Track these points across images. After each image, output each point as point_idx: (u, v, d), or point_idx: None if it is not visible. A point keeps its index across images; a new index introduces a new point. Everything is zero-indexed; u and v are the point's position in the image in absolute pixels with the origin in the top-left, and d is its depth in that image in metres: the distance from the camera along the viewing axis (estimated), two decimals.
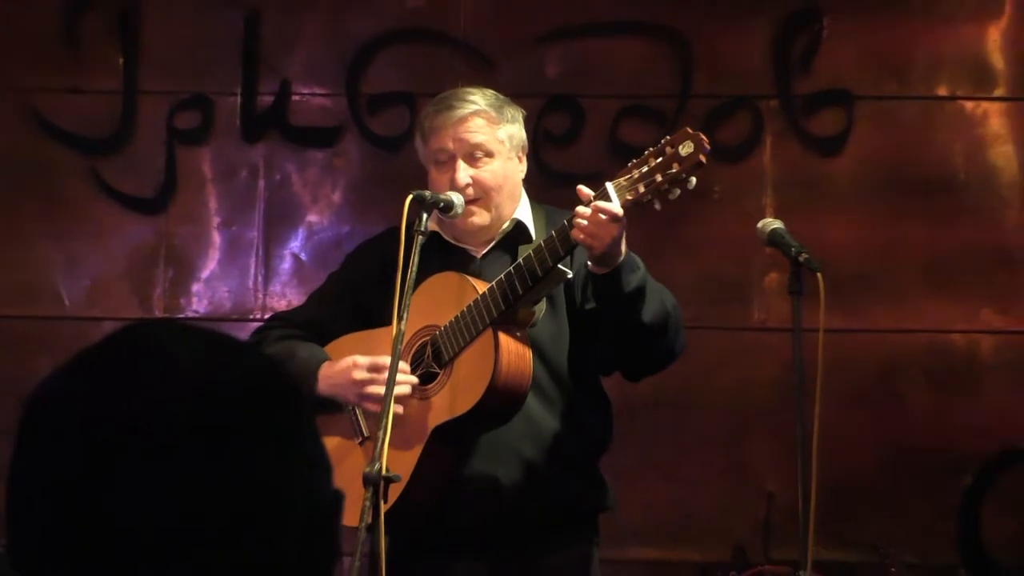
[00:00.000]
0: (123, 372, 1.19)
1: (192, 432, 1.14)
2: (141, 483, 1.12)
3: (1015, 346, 5.00)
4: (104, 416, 1.14)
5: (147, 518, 1.12)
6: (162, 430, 1.13)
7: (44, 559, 1.16)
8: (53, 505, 1.15)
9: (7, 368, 4.98)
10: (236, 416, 1.17)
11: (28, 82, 5.25)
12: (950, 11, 5.10)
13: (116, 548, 1.13)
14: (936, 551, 4.46)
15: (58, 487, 1.14)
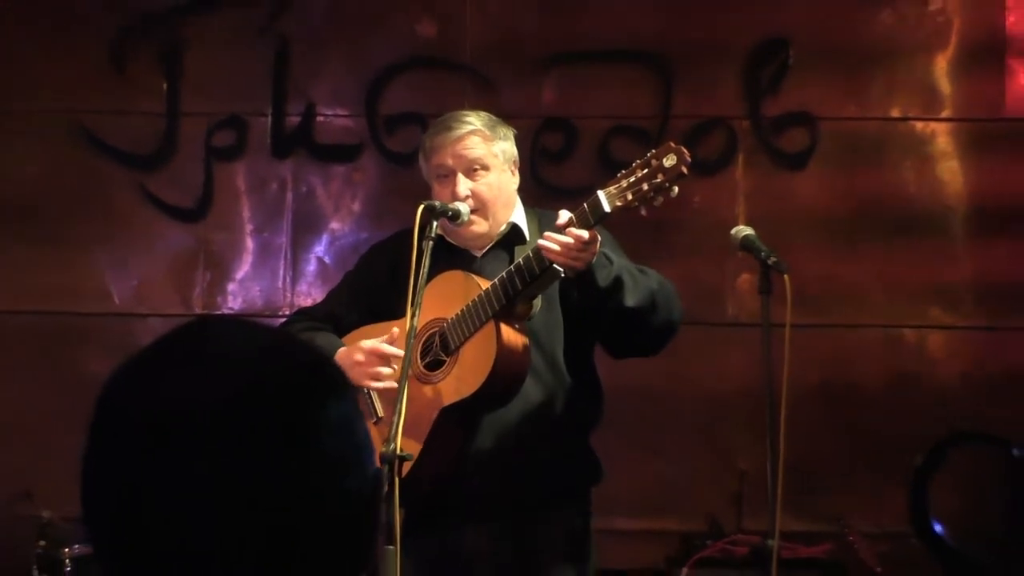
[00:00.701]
0: (189, 362, 1.19)
1: (260, 418, 1.15)
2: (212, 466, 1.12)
3: (960, 340, 5.00)
4: (177, 403, 1.14)
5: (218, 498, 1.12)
6: (232, 416, 1.14)
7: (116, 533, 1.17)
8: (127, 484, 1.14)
9: (62, 359, 4.99)
10: (297, 404, 1.17)
11: (81, 104, 5.23)
12: (903, 42, 5.09)
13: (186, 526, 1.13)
14: (890, 522, 4.45)
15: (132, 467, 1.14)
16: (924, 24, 5.09)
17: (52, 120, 5.23)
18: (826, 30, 5.10)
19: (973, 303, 5.03)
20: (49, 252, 5.19)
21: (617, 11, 5.16)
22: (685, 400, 4.84)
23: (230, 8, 5.24)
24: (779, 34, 5.11)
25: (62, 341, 5.09)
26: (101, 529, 1.18)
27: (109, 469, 1.16)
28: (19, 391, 5.01)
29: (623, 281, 3.27)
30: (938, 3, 5.08)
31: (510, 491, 3.41)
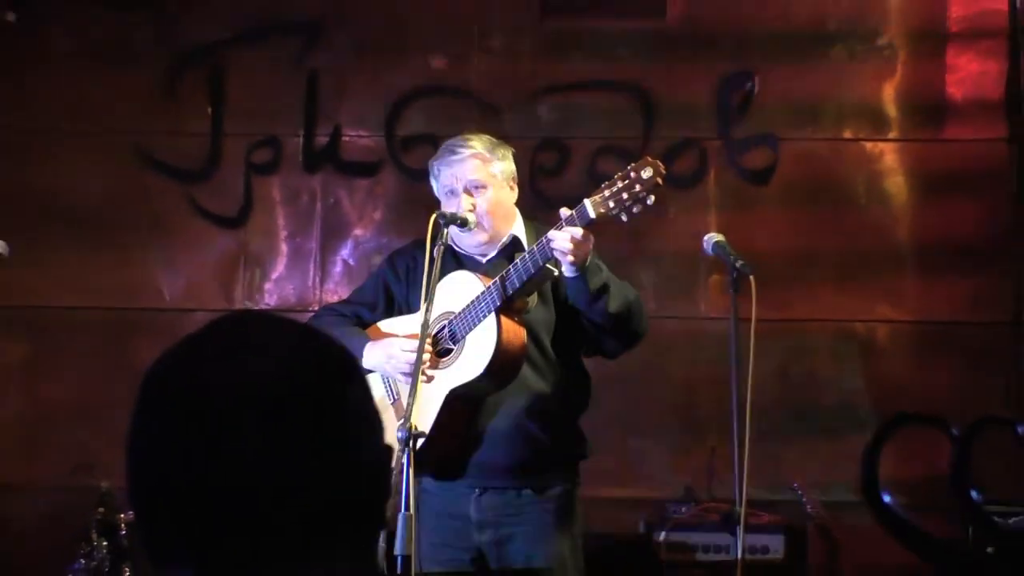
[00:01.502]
0: (228, 351, 1.19)
1: (290, 399, 1.15)
2: (248, 442, 1.13)
3: (904, 333, 5.01)
4: (214, 386, 1.14)
5: (253, 470, 1.13)
6: (264, 399, 1.14)
7: (163, 510, 1.16)
8: (171, 462, 1.15)
9: (119, 348, 4.98)
10: (322, 388, 1.18)
11: (136, 126, 5.22)
12: (854, 72, 5.08)
13: (226, 499, 1.13)
14: (842, 491, 4.46)
15: (174, 445, 1.14)
16: (872, 57, 5.07)
17: (113, 141, 5.21)
18: (786, 62, 5.09)
19: (914, 300, 5.01)
20: (109, 255, 5.18)
21: (604, 47, 5.15)
22: (662, 385, 4.82)
23: (267, 42, 5.23)
24: (745, 66, 5.09)
25: (120, 333, 5.07)
26: (142, 500, 1.17)
27: (153, 445, 1.16)
28: (82, 376, 5.01)
29: (609, 288, 3.33)
30: (885, 38, 5.07)
31: (509, 464, 3.42)
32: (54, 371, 5.04)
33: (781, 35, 5.09)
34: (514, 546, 3.43)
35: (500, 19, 5.18)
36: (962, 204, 5.01)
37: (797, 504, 4.47)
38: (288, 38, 5.22)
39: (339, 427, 1.17)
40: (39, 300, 4.92)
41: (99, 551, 4.26)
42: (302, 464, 1.14)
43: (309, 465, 1.14)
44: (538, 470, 3.45)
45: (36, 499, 4.64)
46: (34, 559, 4.47)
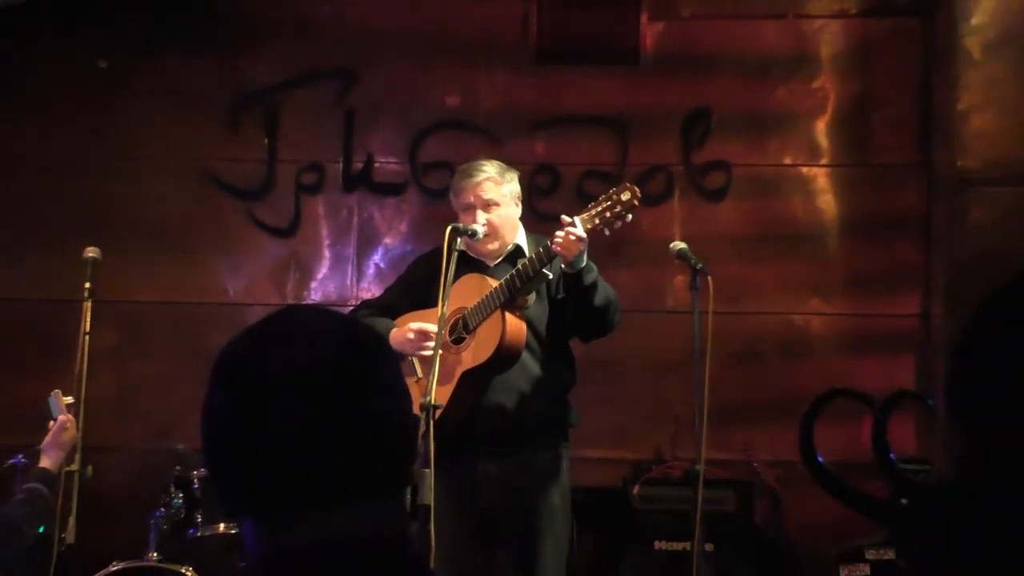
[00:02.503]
0: (284, 337, 1.20)
1: (335, 377, 1.15)
2: (300, 412, 1.13)
3: (833, 324, 5.02)
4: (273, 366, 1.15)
5: (304, 435, 1.13)
6: (313, 376, 1.14)
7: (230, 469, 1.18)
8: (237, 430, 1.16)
9: (192, 335, 4.98)
10: (362, 367, 1.18)
11: (207, 154, 5.24)
12: (793, 109, 5.07)
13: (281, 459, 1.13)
14: (784, 454, 4.46)
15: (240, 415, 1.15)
16: (809, 96, 5.07)
17: (186, 166, 5.22)
18: (738, 101, 5.08)
19: (842, 297, 5.02)
20: (185, 259, 5.19)
21: (590, 88, 5.14)
22: (636, 366, 4.82)
23: (312, 86, 5.23)
24: (704, 104, 5.08)
25: (192, 323, 5.08)
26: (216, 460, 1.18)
27: (223, 415, 1.16)
28: (163, 358, 5.03)
29: (597, 285, 3.34)
30: (819, 82, 5.07)
31: (511, 431, 3.43)
32: (139, 354, 5.06)
33: (734, 80, 5.09)
34: (515, 499, 3.44)
35: (503, 67, 5.17)
36: (881, 218, 5.01)
37: (746, 464, 4.48)
38: (329, 82, 5.22)
39: (374, 399, 1.18)
40: (127, 296, 4.92)
41: (176, 503, 4.26)
42: (344, 430, 1.14)
43: (350, 430, 1.14)
44: (535, 436, 3.46)
45: (126, 458, 4.64)
46: (125, 508, 4.48)
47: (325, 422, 1.13)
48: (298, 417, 1.13)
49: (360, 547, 1.12)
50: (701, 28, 5.13)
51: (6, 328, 5.09)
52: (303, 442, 1.12)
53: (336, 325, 1.23)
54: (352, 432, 1.14)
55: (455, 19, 5.17)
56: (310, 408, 1.13)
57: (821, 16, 5.09)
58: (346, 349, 1.18)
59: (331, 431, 1.13)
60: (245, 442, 1.14)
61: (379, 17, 5.18)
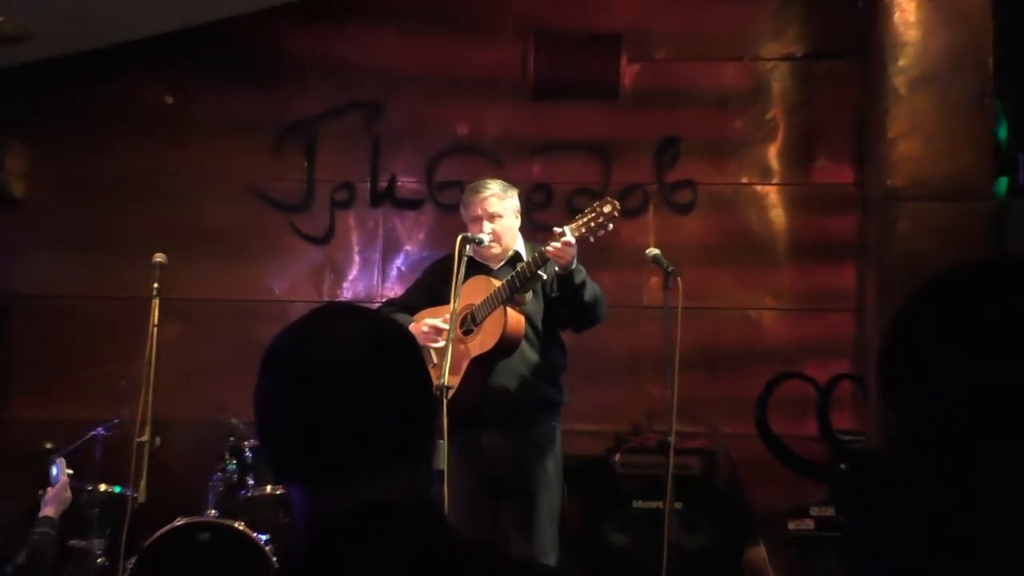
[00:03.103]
0: (323, 329, 1.19)
1: (369, 362, 1.15)
2: (337, 394, 1.13)
3: (782, 318, 5.03)
4: (313, 355, 1.15)
5: (340, 413, 1.13)
6: (347, 364, 1.15)
7: (278, 442, 1.18)
8: (283, 408, 1.15)
9: (241, 328, 4.98)
10: (389, 354, 1.18)
11: (255, 174, 5.24)
12: (749, 136, 5.06)
13: (322, 433, 1.13)
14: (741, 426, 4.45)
15: (285, 397, 1.15)
16: (762, 126, 5.06)
17: (239, 184, 5.22)
18: (702, 130, 5.07)
19: (790, 294, 5.01)
20: (237, 263, 5.19)
21: (577, 119, 5.13)
22: (618, 353, 4.80)
23: (344, 117, 5.22)
24: (674, 133, 5.08)
25: (243, 317, 5.07)
26: (266, 434, 1.18)
27: (271, 396, 1.16)
28: (218, 346, 5.03)
29: (586, 284, 3.35)
30: (770, 114, 5.06)
31: (512, 408, 3.45)
32: (199, 343, 5.06)
33: (699, 113, 5.08)
34: (515, 466, 3.45)
35: (505, 102, 5.17)
36: (823, 228, 5.00)
37: (710, 436, 4.48)
38: (359, 114, 5.22)
39: (400, 383, 1.17)
40: (189, 294, 4.92)
41: (230, 468, 4.27)
42: (375, 407, 1.14)
43: (380, 408, 1.14)
44: (532, 413, 3.47)
45: (187, 430, 4.64)
46: (187, 472, 4.48)
47: (359, 401, 1.13)
48: (336, 397, 1.12)
49: (393, 507, 1.12)
50: (671, 69, 5.12)
51: (88, 321, 5.12)
52: (341, 419, 1.12)
53: (367, 320, 1.23)
54: (382, 409, 1.14)
55: (465, 62, 5.17)
56: (346, 390, 1.13)
57: (772, 59, 5.09)
58: (376, 339, 1.18)
59: (364, 409, 1.13)
60: (291, 419, 1.13)
61: (401, 59, 5.18)
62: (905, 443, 1.30)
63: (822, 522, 4.06)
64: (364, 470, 1.13)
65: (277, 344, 1.17)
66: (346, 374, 1.13)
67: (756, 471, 4.44)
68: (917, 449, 1.27)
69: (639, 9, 5.12)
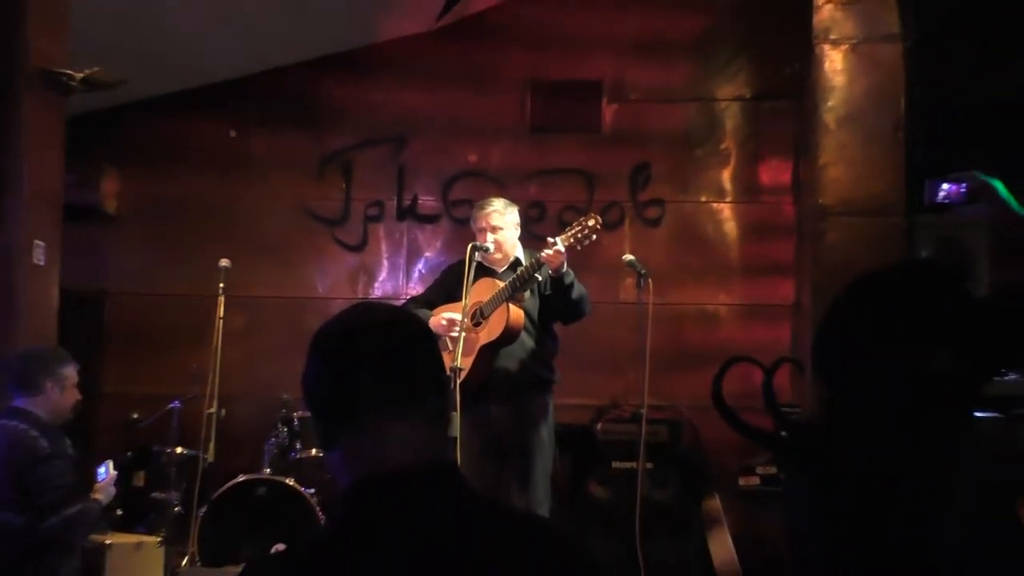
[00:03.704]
0: (361, 319, 1.17)
1: (395, 347, 1.13)
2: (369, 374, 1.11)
3: (734, 310, 4.99)
4: (353, 341, 1.13)
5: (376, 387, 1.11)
6: (381, 346, 1.13)
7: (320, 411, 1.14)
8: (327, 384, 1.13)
9: (292, 320, 4.95)
10: (413, 340, 1.16)
11: (303, 194, 5.22)
12: (707, 162, 5.06)
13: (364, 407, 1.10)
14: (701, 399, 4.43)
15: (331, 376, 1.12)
16: (717, 155, 5.06)
17: (290, 202, 5.20)
18: (669, 158, 5.07)
19: (740, 293, 4.99)
20: (287, 267, 5.17)
21: (566, 150, 5.11)
22: (600, 341, 4.75)
23: (375, 147, 5.20)
24: (646, 160, 5.07)
25: (292, 310, 5.05)
26: (314, 407, 1.16)
27: (319, 374, 1.14)
28: (272, 336, 5.01)
29: (574, 284, 3.33)
30: (724, 145, 5.06)
31: (513, 386, 3.43)
32: (258, 332, 5.04)
33: (666, 144, 5.07)
34: (516, 432, 3.44)
35: (507, 136, 5.15)
36: (767, 238, 5.00)
37: (675, 408, 4.47)
38: (386, 146, 5.20)
39: (424, 363, 1.16)
40: (249, 292, 4.91)
41: (282, 434, 4.27)
42: (402, 383, 1.13)
43: (407, 383, 1.13)
44: (530, 389, 3.46)
45: (248, 403, 4.65)
46: (247, 438, 4.49)
47: (391, 379, 1.12)
48: (373, 377, 1.11)
49: (419, 467, 1.10)
50: (643, 108, 5.10)
51: (166, 314, 5.11)
52: (378, 390, 1.11)
53: (394, 312, 1.23)
54: (409, 383, 1.13)
55: (474, 103, 5.15)
56: (381, 370, 1.12)
57: (725, 100, 5.08)
58: (402, 328, 1.17)
59: (395, 386, 1.12)
60: (335, 387, 1.12)
61: (421, 101, 5.17)
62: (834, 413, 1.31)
63: (766, 479, 4.06)
64: (395, 425, 1.11)
65: (323, 330, 1.17)
66: (381, 357, 1.12)
67: (713, 437, 4.45)
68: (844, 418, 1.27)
69: (616, 61, 5.11)
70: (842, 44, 3.88)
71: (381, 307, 1.23)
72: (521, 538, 1.07)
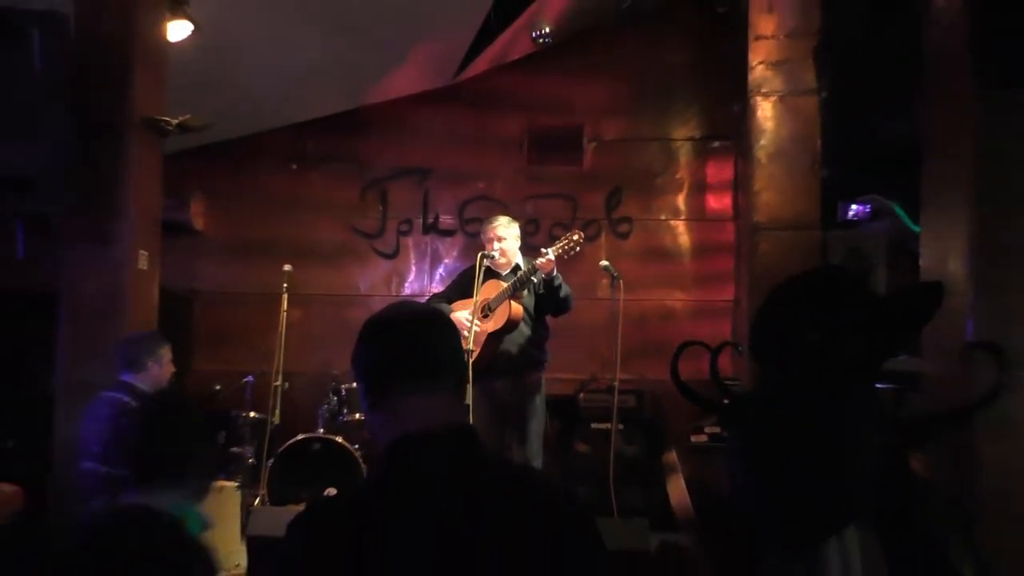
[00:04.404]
0: (397, 310, 1.15)
1: (427, 332, 1.12)
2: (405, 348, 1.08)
3: (687, 305, 5.02)
4: (389, 327, 1.11)
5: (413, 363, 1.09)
6: (412, 329, 1.11)
7: (364, 382, 1.12)
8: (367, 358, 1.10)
9: (340, 313, 4.93)
10: (439, 325, 1.14)
11: (349, 213, 5.17)
12: (665, 189, 5.04)
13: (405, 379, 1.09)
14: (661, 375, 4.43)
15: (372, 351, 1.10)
16: (674, 182, 5.04)
17: (338, 221, 5.16)
18: (636, 184, 5.05)
19: (692, 290, 4.99)
20: (336, 271, 5.12)
21: (556, 177, 5.09)
22: (582, 329, 4.72)
23: (405, 177, 5.18)
24: (618, 186, 5.06)
25: (340, 305, 5.03)
26: (363, 379, 1.14)
27: (365, 350, 1.12)
28: (324, 324, 4.99)
29: (561, 285, 3.31)
30: (680, 175, 5.05)
31: (514, 365, 3.43)
32: (313, 322, 5.03)
33: (634, 174, 5.06)
34: (515, 402, 3.44)
35: (510, 165, 5.13)
36: (713, 248, 4.99)
37: (641, 382, 4.48)
38: (414, 175, 5.17)
39: (446, 348, 1.14)
40: (306, 291, 4.92)
41: (332, 402, 4.27)
42: (431, 357, 1.11)
43: (436, 356, 1.11)
44: (527, 367, 3.45)
45: (305, 378, 4.65)
46: (305, 405, 4.49)
47: (421, 360, 1.11)
48: (408, 358, 1.10)
49: (446, 430, 1.09)
50: (616, 145, 5.09)
51: (242, 307, 5.09)
52: (411, 369, 1.10)
53: (426, 310, 1.23)
54: (435, 363, 1.11)
55: (484, 139, 5.13)
56: (414, 353, 1.11)
57: (680, 139, 5.08)
58: (431, 322, 1.16)
59: (424, 365, 1.11)
60: (378, 361, 1.11)
61: (441, 142, 5.15)
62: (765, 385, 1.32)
63: (713, 437, 4.07)
64: (426, 391, 1.10)
65: (370, 321, 1.16)
66: (416, 337, 1.12)
67: (670, 404, 4.45)
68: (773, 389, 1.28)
69: (593, 111, 5.10)
70: (771, 96, 3.89)
71: (415, 305, 1.23)
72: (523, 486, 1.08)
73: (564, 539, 1.02)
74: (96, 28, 2.99)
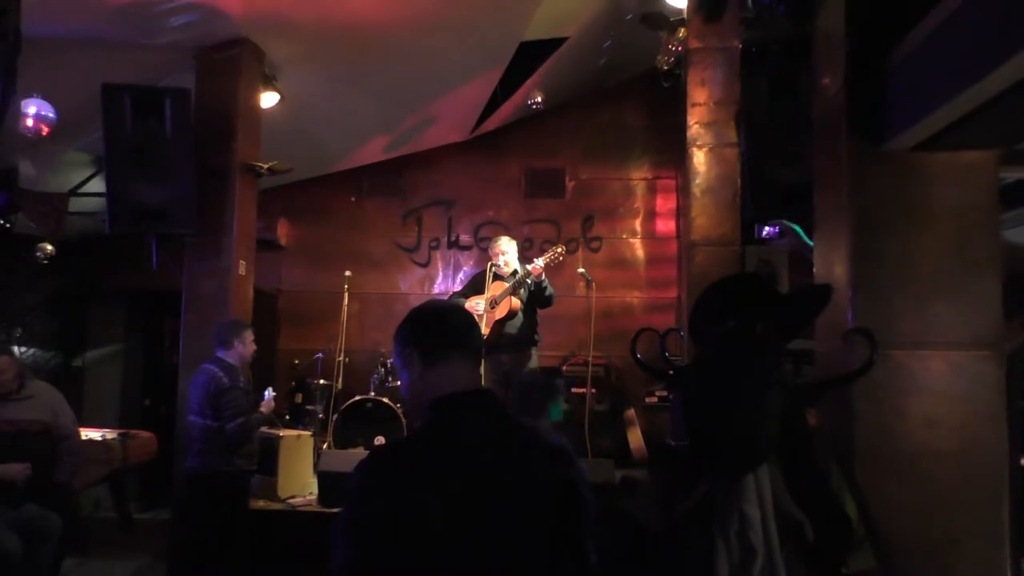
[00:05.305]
0: (436, 307, 1.13)
1: (454, 318, 1.09)
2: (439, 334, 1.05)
3: (643, 301, 4.98)
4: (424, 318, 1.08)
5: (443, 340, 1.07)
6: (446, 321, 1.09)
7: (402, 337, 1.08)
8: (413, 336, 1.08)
9: (386, 308, 4.91)
10: (457, 316, 1.11)
11: (393, 233, 5.14)
12: (627, 214, 5.01)
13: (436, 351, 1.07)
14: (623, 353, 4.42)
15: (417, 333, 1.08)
16: (632, 210, 5.01)
17: (386, 240, 5.11)
18: (605, 211, 5.02)
19: (646, 290, 4.95)
20: (385, 276, 5.08)
21: (545, 208, 5.07)
22: (564, 319, 4.67)
23: (437, 207, 5.14)
24: (592, 212, 5.03)
25: (386, 302, 5.00)
26: (402, 356, 1.11)
27: (407, 336, 1.11)
28: (375, 315, 4.96)
29: (548, 286, 3.32)
30: (637, 204, 5.02)
31: (514, 344, 3.42)
32: (367, 314, 5.00)
33: (604, 202, 5.03)
34: (515, 371, 3.42)
35: (511, 199, 5.10)
36: (662, 259, 4.97)
37: (609, 358, 4.46)
38: (442, 205, 5.14)
39: (472, 327, 1.13)
40: (362, 290, 4.90)
41: (380, 372, 4.26)
42: (460, 332, 1.09)
43: (465, 332, 1.10)
44: (523, 345, 3.46)
45: (361, 355, 4.65)
46: (360, 374, 4.49)
47: (454, 338, 1.10)
48: (442, 337, 1.09)
49: (474, 391, 1.09)
50: (590, 183, 5.07)
51: (314, 302, 5.07)
52: (446, 344, 1.08)
53: (453, 305, 1.21)
54: (463, 340, 1.10)
55: (494, 178, 5.11)
56: (448, 333, 1.09)
57: (637, 178, 5.06)
58: (457, 312, 1.15)
59: (456, 342, 1.09)
60: (431, 344, 1.09)
61: (462, 182, 5.13)
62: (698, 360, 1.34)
63: (663, 399, 4.08)
64: (461, 360, 1.08)
65: (415, 311, 1.16)
66: (447, 323, 1.12)
67: (630, 374, 4.44)
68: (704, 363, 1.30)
69: (574, 157, 5.08)
70: (704, 148, 3.88)
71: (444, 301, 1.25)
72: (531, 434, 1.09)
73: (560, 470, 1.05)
74: (211, 99, 3.17)
